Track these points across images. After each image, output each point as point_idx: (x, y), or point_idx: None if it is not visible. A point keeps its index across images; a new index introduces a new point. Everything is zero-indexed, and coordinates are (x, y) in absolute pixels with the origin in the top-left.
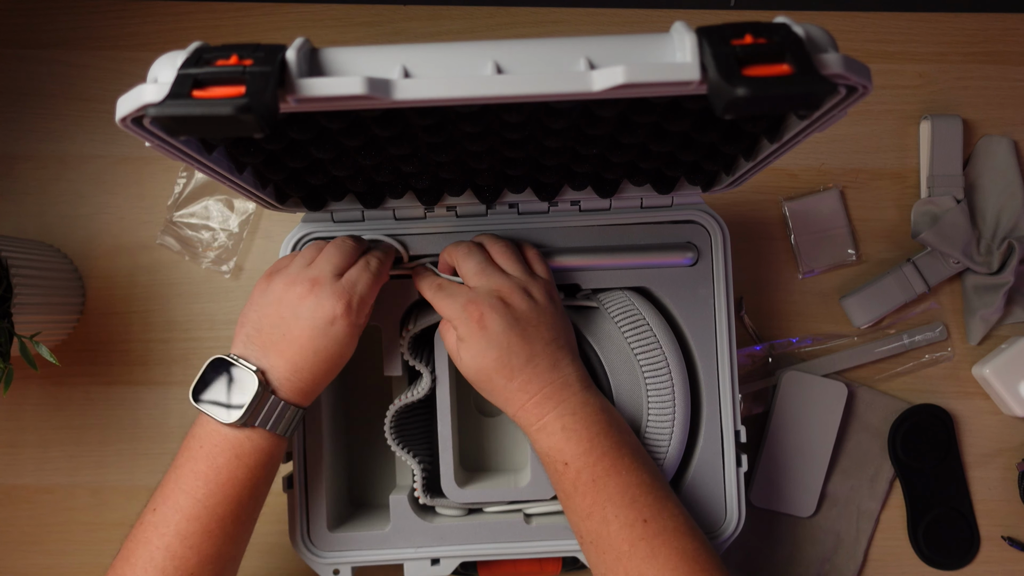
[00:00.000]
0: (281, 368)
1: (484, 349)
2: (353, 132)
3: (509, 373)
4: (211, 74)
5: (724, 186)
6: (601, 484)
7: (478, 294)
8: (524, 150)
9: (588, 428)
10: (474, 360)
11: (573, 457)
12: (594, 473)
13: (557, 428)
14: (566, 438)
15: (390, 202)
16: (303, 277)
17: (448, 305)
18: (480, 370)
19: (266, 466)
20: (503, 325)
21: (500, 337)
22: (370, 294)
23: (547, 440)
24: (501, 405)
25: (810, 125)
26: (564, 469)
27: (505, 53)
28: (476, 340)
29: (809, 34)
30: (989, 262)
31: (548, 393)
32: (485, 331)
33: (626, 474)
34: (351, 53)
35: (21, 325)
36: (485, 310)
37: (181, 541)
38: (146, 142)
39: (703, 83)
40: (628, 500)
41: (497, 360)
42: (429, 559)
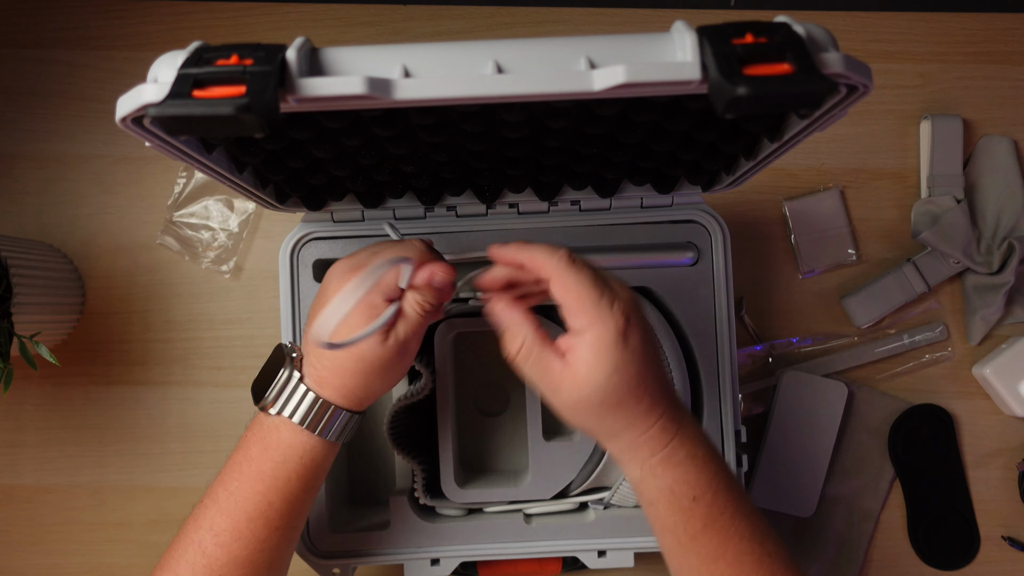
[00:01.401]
0: (312, 353)
1: (627, 362)
2: (353, 132)
3: (642, 393)
4: (211, 74)
5: (724, 186)
6: (729, 519)
7: (620, 295)
8: (524, 150)
9: (714, 457)
10: (609, 377)
11: (703, 490)
12: (724, 507)
13: (683, 456)
14: (697, 468)
15: (390, 202)
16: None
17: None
18: (614, 389)
19: (297, 466)
20: (645, 340)
21: (641, 349)
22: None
23: (672, 472)
24: (619, 439)
25: (810, 124)
26: (693, 505)
27: (505, 53)
28: (618, 349)
29: (810, 33)
30: (989, 262)
31: (671, 415)
32: (629, 340)
33: (747, 505)
34: (351, 53)
35: (21, 325)
36: (632, 317)
37: (213, 537)
38: (146, 142)
39: (704, 82)
40: (757, 535)
41: (637, 375)
42: (429, 559)
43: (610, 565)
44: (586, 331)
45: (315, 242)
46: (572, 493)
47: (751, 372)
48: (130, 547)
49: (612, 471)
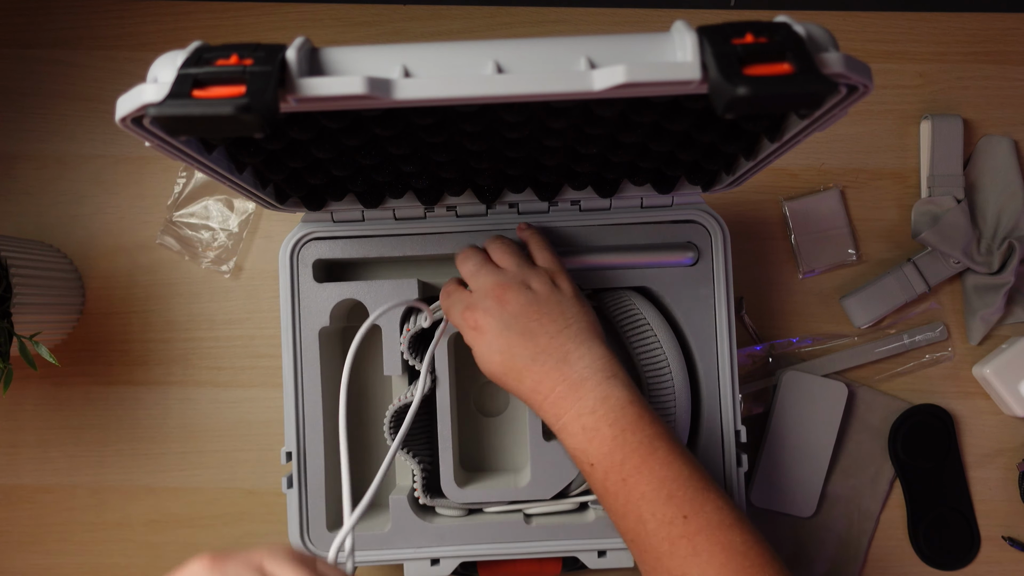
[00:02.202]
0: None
1: (487, 353)
2: (353, 132)
3: (517, 375)
4: (211, 74)
5: (724, 186)
6: (632, 483)
7: (474, 298)
8: (524, 150)
9: (611, 425)
10: (483, 365)
11: (599, 457)
12: (623, 472)
13: (577, 429)
14: (587, 438)
15: (390, 202)
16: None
17: (451, 314)
18: (491, 374)
19: None
20: (498, 326)
21: (498, 340)
22: None
23: (569, 441)
24: (529, 406)
25: (811, 124)
26: (591, 470)
27: (505, 53)
28: (478, 346)
29: (810, 33)
30: (989, 262)
31: (562, 392)
32: (483, 336)
33: (659, 469)
34: (351, 53)
35: (21, 325)
36: (479, 315)
37: None
38: (146, 142)
39: (704, 82)
40: (664, 496)
41: (502, 364)
42: (429, 559)
43: (610, 565)
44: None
45: (315, 242)
46: (572, 493)
47: (751, 372)
48: (130, 547)
49: None
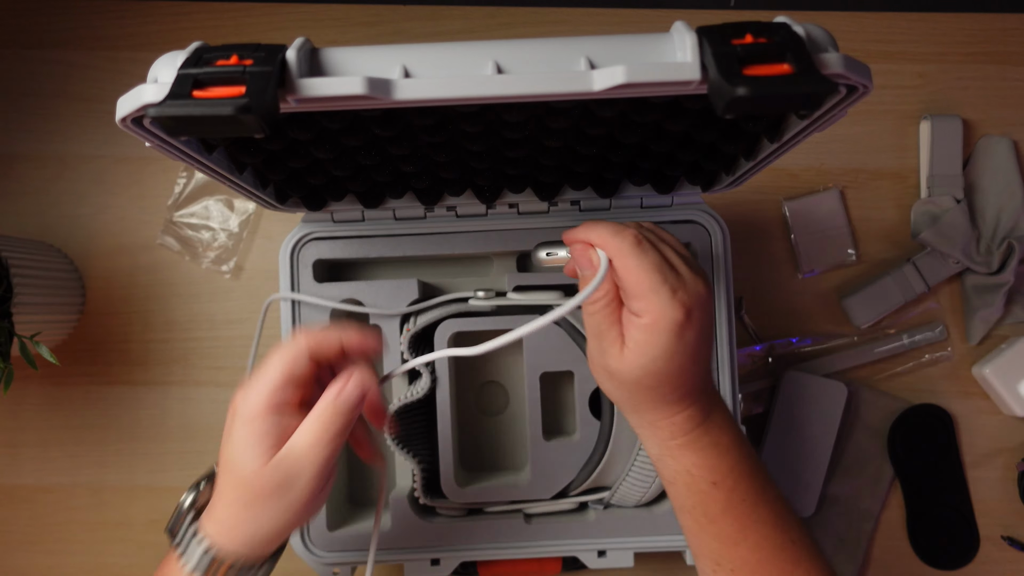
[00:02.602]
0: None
1: (674, 353)
2: (353, 132)
3: (680, 383)
4: (211, 74)
5: (724, 186)
6: (751, 506)
7: (688, 287)
8: (524, 150)
9: (738, 446)
10: (653, 361)
11: (723, 476)
12: (746, 494)
13: (705, 444)
14: (718, 455)
15: (390, 202)
16: None
17: (652, 281)
18: (654, 374)
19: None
20: (703, 334)
21: (694, 345)
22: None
23: (691, 457)
24: (642, 415)
25: (810, 125)
26: (711, 489)
27: (505, 53)
28: (670, 339)
29: (809, 34)
30: (989, 262)
31: (702, 405)
32: (684, 333)
33: (771, 492)
34: (351, 53)
35: (21, 325)
36: (695, 309)
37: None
38: (146, 142)
39: (703, 83)
40: (780, 522)
41: (679, 368)
42: (429, 559)
43: (610, 565)
44: (642, 315)
45: (315, 242)
46: (572, 493)
47: (751, 372)
48: (130, 547)
49: (612, 471)
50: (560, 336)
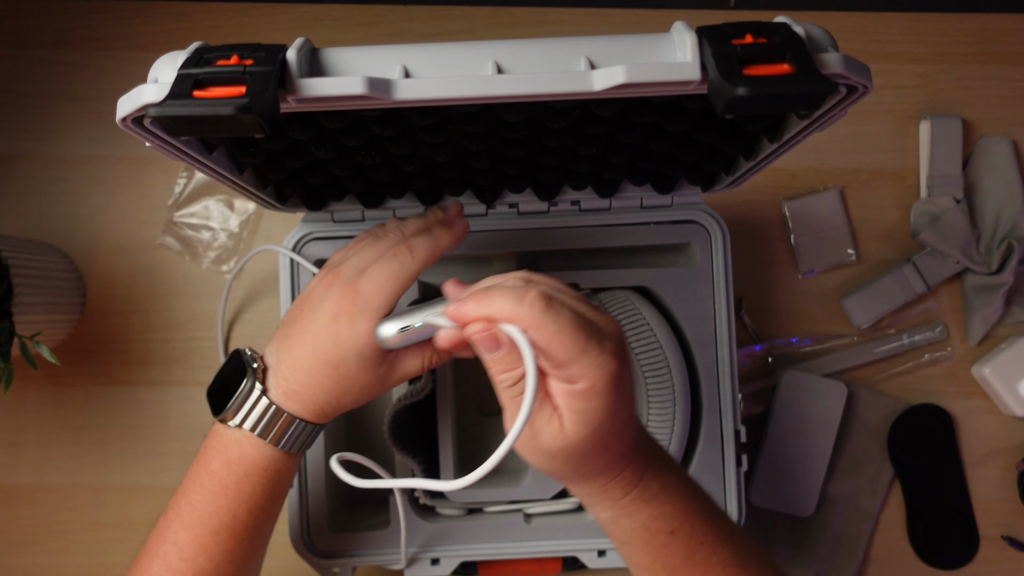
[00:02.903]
0: (284, 364)
1: (617, 408)
2: (353, 132)
3: (625, 434)
4: (212, 74)
5: (724, 186)
6: (710, 547)
7: (607, 331)
8: (524, 150)
9: (683, 480)
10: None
11: (680, 522)
12: (703, 537)
13: (655, 490)
14: (671, 500)
15: (390, 202)
16: (330, 274)
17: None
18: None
19: (260, 480)
20: (629, 383)
21: (629, 389)
22: (379, 296)
23: (646, 509)
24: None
25: (810, 125)
26: (670, 540)
27: (505, 53)
28: (611, 396)
29: (809, 34)
30: (988, 262)
31: (642, 448)
32: (622, 383)
33: (726, 527)
34: (351, 53)
35: (21, 325)
36: (622, 356)
37: (177, 552)
38: (146, 142)
39: (703, 83)
40: (740, 561)
41: (624, 419)
42: (429, 559)
43: (610, 565)
44: (577, 380)
45: (315, 242)
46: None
47: (751, 372)
48: (130, 547)
49: None
50: None
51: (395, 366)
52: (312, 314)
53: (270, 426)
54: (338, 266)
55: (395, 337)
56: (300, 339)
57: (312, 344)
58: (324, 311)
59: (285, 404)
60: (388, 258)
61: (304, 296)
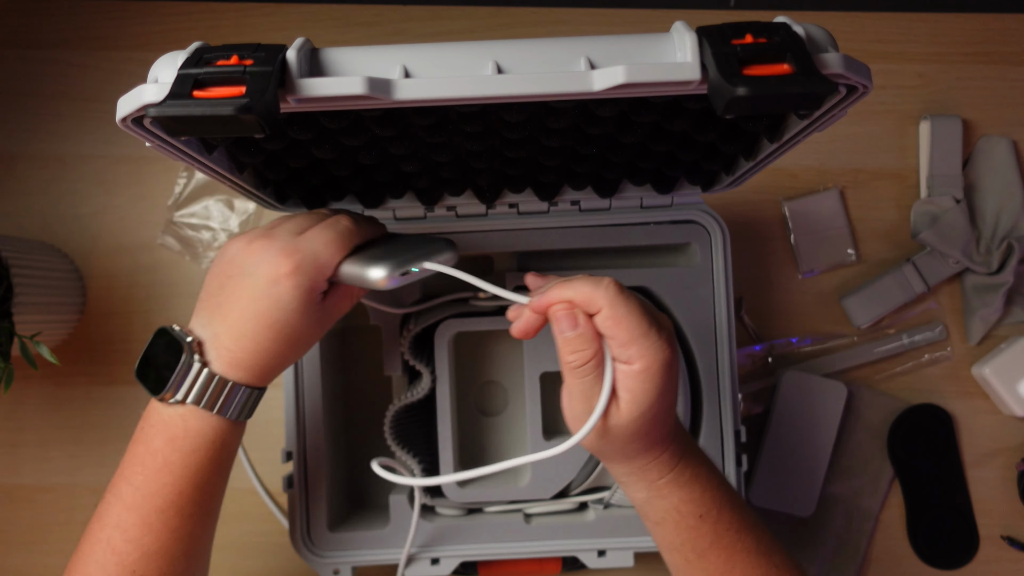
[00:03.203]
0: (221, 336)
1: (666, 392)
2: (353, 132)
3: (667, 419)
4: (212, 74)
5: (724, 186)
6: (735, 535)
7: (664, 323)
8: (524, 150)
9: (715, 474)
10: (650, 407)
11: (708, 507)
12: (730, 523)
13: (688, 477)
14: (701, 487)
15: (390, 202)
16: (258, 238)
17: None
18: (650, 418)
19: (207, 452)
20: (677, 372)
21: (676, 379)
22: (329, 250)
23: (678, 492)
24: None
25: (810, 125)
26: (699, 523)
27: (505, 53)
28: (663, 379)
29: (809, 34)
30: (988, 262)
31: (678, 438)
32: (672, 370)
33: (751, 519)
34: (351, 53)
35: (22, 325)
36: (674, 344)
37: (121, 534)
38: (146, 142)
39: (703, 83)
40: (763, 549)
41: (670, 404)
42: (429, 559)
43: (610, 565)
44: (635, 361)
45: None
46: (572, 493)
47: (751, 372)
48: None
49: None
50: None
51: (330, 310)
52: (246, 279)
53: (214, 397)
54: (263, 231)
55: (386, 279)
56: (237, 306)
57: (252, 309)
58: (262, 274)
59: (230, 373)
60: (330, 223)
61: (226, 262)
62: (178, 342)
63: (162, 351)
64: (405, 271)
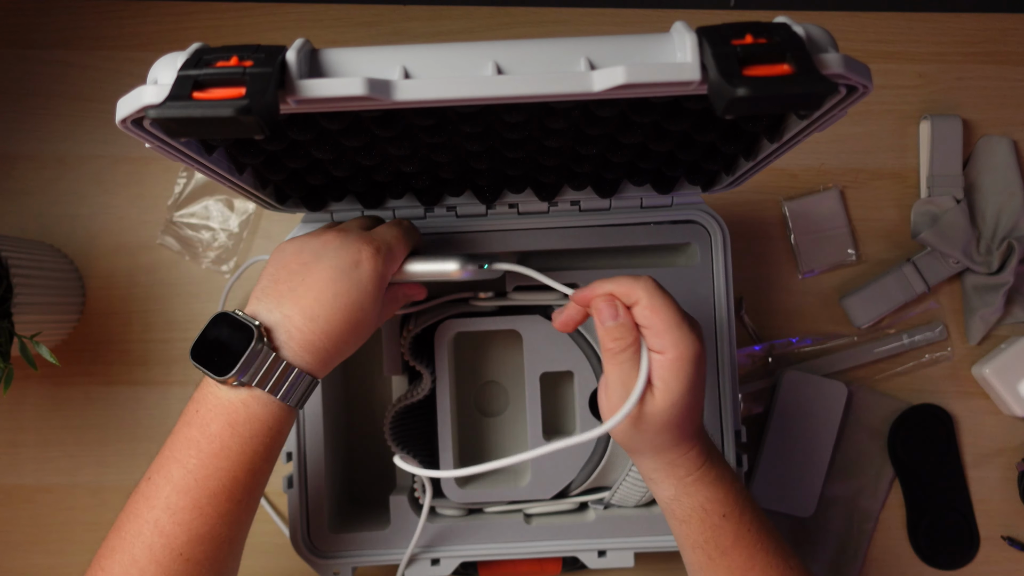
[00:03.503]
0: (294, 318)
1: (695, 385)
2: (353, 133)
3: (695, 416)
4: (211, 75)
5: (724, 186)
6: (756, 534)
7: (694, 321)
8: (524, 150)
9: (736, 477)
10: (682, 397)
11: (731, 507)
12: (751, 524)
13: (714, 477)
14: (725, 488)
15: (390, 202)
16: (328, 231)
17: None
18: (682, 409)
19: (264, 439)
20: (705, 370)
21: (704, 375)
22: (399, 245)
23: (704, 491)
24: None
25: (810, 125)
26: (723, 522)
27: (505, 53)
28: (693, 372)
29: (809, 34)
30: (989, 262)
31: (704, 439)
32: (701, 364)
33: (768, 521)
34: (351, 54)
35: (21, 325)
36: (705, 346)
37: (170, 516)
38: (146, 143)
39: (703, 83)
40: (780, 550)
41: (698, 399)
42: (429, 559)
43: (610, 565)
44: (668, 350)
45: None
46: (572, 493)
47: (751, 372)
48: None
49: (612, 471)
50: (560, 337)
51: (388, 304)
52: (324, 262)
53: (279, 382)
54: (329, 227)
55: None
56: (315, 287)
57: (332, 289)
58: (343, 258)
59: (299, 357)
60: (394, 223)
61: (294, 252)
62: (247, 326)
63: (227, 333)
64: (480, 265)
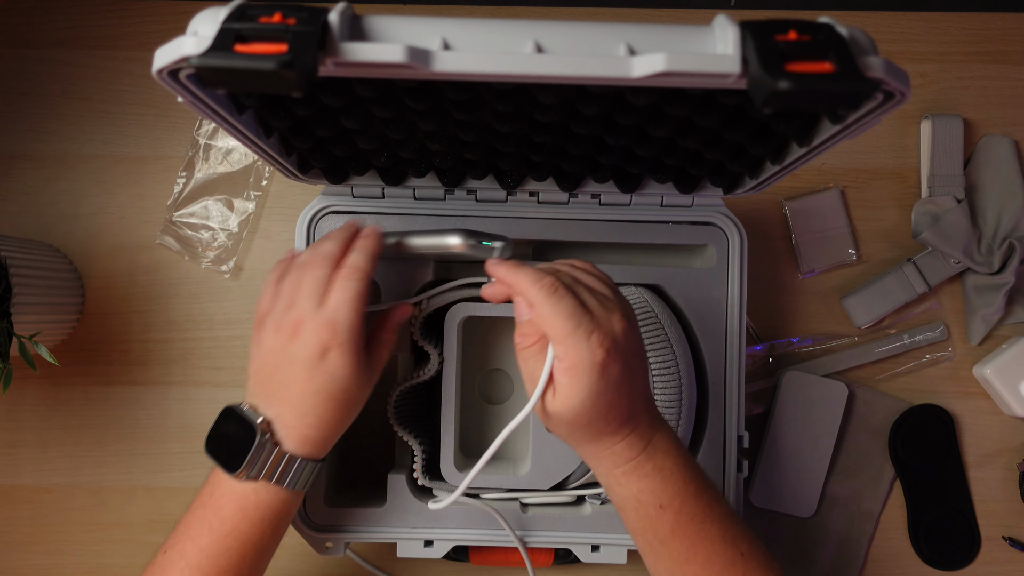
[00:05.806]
0: (285, 417)
1: (600, 391)
2: (385, 102)
3: (612, 416)
4: (255, 29)
5: (747, 189)
6: (698, 524)
7: (603, 328)
8: (551, 135)
9: (683, 468)
10: (582, 403)
11: (670, 498)
12: (693, 514)
13: (648, 469)
14: (663, 479)
15: (411, 180)
16: (286, 321)
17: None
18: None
19: (272, 521)
20: (627, 367)
21: (618, 379)
22: (351, 312)
23: (638, 483)
24: (583, 448)
25: (843, 130)
26: (659, 513)
27: (546, 33)
28: (593, 380)
29: (852, 36)
30: (990, 262)
31: (641, 432)
32: (607, 372)
33: (719, 509)
34: (392, 21)
35: (20, 325)
36: (611, 349)
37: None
38: (179, 97)
39: (742, 76)
40: (729, 537)
41: (608, 404)
42: (423, 540)
43: (603, 560)
44: (563, 358)
45: (333, 215)
46: (570, 486)
47: (751, 372)
48: (130, 547)
49: None
50: None
51: (374, 362)
52: (294, 364)
53: (283, 474)
54: (286, 312)
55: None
56: (293, 388)
57: (310, 387)
58: (307, 356)
59: (299, 448)
60: (341, 283)
61: (265, 353)
62: (250, 424)
63: (233, 429)
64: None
